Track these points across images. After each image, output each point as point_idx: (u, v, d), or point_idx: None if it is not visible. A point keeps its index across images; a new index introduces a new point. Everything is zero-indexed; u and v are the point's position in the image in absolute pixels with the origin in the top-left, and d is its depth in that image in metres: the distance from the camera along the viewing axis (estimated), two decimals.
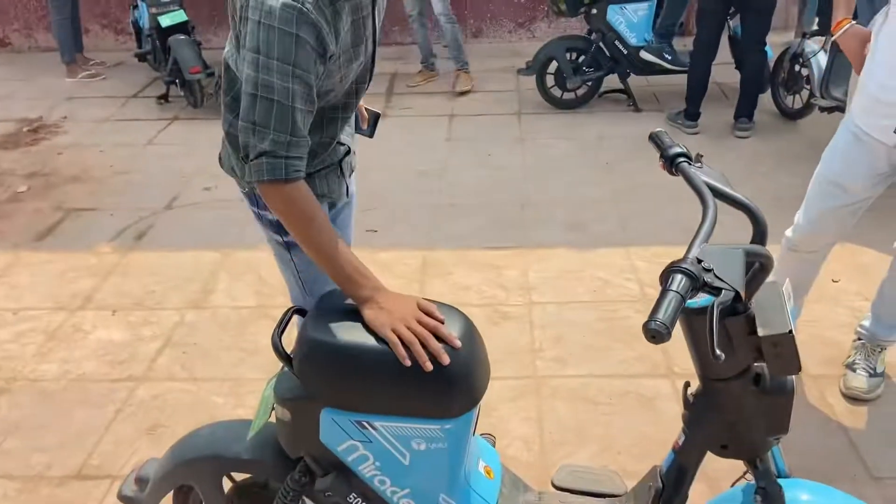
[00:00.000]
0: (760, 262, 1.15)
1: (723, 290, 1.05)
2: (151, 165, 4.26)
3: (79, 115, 5.04)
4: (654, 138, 1.44)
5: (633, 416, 2.31)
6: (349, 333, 1.33)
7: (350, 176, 1.72)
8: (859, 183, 2.07)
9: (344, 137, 1.62)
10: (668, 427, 2.17)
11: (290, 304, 1.50)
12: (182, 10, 5.02)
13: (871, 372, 2.33)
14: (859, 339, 2.41)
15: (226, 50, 1.47)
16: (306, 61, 1.28)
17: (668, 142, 1.41)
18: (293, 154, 1.32)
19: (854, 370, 2.35)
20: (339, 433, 1.34)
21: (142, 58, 5.32)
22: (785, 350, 1.12)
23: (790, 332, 1.11)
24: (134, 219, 3.64)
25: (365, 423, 1.33)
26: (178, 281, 3.11)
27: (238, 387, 2.49)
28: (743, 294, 1.08)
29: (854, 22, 2.11)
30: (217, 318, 2.86)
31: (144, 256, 3.31)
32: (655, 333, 0.98)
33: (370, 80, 1.55)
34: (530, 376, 2.50)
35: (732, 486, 1.39)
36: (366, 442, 1.34)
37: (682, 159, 1.36)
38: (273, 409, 1.42)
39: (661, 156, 1.40)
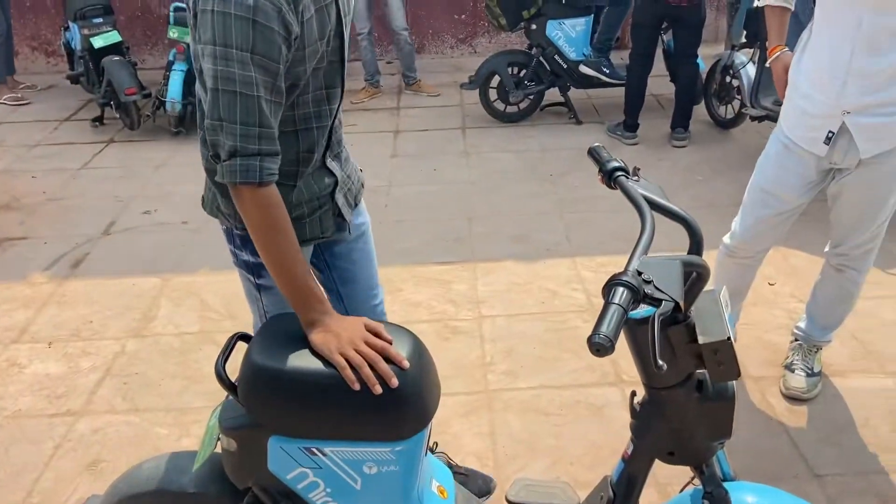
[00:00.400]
0: (698, 272, 1.18)
1: (663, 301, 1.08)
2: (87, 190, 4.13)
3: (8, 139, 4.86)
4: (593, 153, 1.47)
5: (583, 425, 2.33)
6: (295, 358, 1.30)
7: (353, 209, 1.66)
8: (791, 192, 2.14)
9: (333, 165, 1.56)
10: (618, 435, 2.21)
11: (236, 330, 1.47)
12: (115, 31, 4.92)
13: (809, 372, 2.41)
14: (796, 340, 2.49)
15: (197, 85, 1.41)
16: (267, 47, 1.24)
17: (606, 156, 1.44)
18: (265, 148, 1.28)
19: (793, 371, 2.43)
20: (287, 461, 1.32)
21: (74, 80, 5.18)
22: (724, 356, 1.15)
23: (729, 338, 1.14)
24: (69, 246, 3.51)
25: (314, 450, 1.30)
26: (118, 309, 3.01)
27: (183, 416, 2.42)
28: (682, 304, 1.10)
29: (787, 48, 2.19)
30: (159, 346, 2.78)
31: (81, 285, 3.20)
32: (600, 347, 1.00)
33: (342, 86, 1.49)
34: (482, 391, 2.51)
35: (681, 491, 1.41)
36: (316, 468, 1.32)
37: (619, 173, 1.39)
38: (218, 439, 1.38)
39: (600, 170, 1.43)
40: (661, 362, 1.01)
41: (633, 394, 1.37)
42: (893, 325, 2.74)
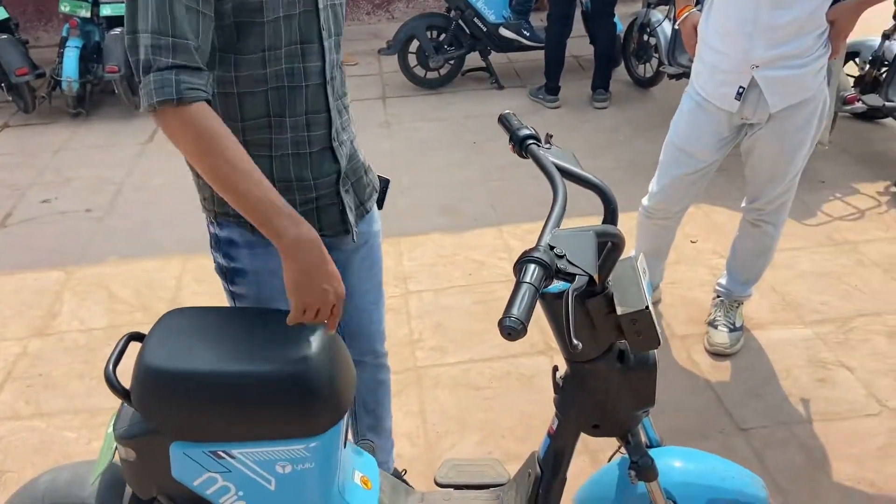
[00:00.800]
0: (613, 242, 1.13)
1: (576, 276, 1.03)
2: None
3: None
4: (503, 121, 1.40)
5: (514, 397, 2.30)
6: (193, 357, 1.21)
7: (367, 211, 1.50)
8: (705, 149, 2.15)
9: (339, 151, 1.39)
10: (549, 404, 2.16)
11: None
12: (2, 7, 4.54)
13: (731, 327, 2.45)
14: (718, 296, 2.52)
15: None
16: None
17: (517, 124, 1.37)
18: (180, 62, 1.10)
19: (715, 327, 2.46)
20: (193, 467, 1.22)
21: None
22: (643, 326, 1.11)
23: (647, 307, 1.11)
24: None
25: (221, 453, 1.21)
26: (18, 307, 2.81)
27: (92, 418, 2.27)
28: (596, 277, 1.05)
29: (694, 9, 2.18)
30: (64, 344, 2.60)
31: None
32: (511, 330, 0.94)
33: (321, 44, 1.30)
34: (411, 368, 2.45)
35: (609, 460, 1.40)
36: (225, 472, 1.23)
37: (531, 141, 1.33)
38: (116, 448, 1.27)
39: (511, 139, 1.36)
40: (575, 341, 0.96)
41: (556, 369, 1.34)
42: (810, 275, 2.81)
